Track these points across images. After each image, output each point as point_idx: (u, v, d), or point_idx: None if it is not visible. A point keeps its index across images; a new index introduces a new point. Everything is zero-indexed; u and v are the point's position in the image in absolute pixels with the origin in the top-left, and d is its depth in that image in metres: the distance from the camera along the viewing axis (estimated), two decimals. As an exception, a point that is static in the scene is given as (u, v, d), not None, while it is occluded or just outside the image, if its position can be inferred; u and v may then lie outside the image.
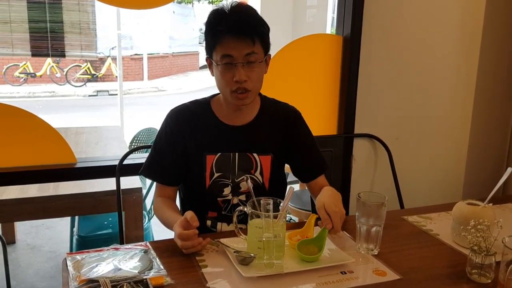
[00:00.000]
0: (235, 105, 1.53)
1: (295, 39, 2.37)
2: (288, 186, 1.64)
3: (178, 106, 1.63)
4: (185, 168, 1.60)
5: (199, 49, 17.08)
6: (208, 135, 1.58)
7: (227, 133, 1.58)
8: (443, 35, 2.42)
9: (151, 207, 2.89)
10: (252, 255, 1.28)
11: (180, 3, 16.00)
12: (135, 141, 3.62)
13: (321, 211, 1.41)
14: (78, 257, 1.29)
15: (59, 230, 3.62)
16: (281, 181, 1.69)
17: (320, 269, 1.28)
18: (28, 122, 1.91)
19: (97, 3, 2.05)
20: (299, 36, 2.36)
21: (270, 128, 1.62)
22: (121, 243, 1.98)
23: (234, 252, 1.30)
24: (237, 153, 1.57)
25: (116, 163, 1.97)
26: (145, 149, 2.75)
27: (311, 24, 5.17)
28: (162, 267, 1.24)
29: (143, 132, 3.66)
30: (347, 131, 2.43)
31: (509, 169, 1.48)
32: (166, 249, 1.37)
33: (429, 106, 2.50)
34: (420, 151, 2.55)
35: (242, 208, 1.35)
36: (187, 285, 1.20)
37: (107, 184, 2.26)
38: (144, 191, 2.71)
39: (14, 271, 3.00)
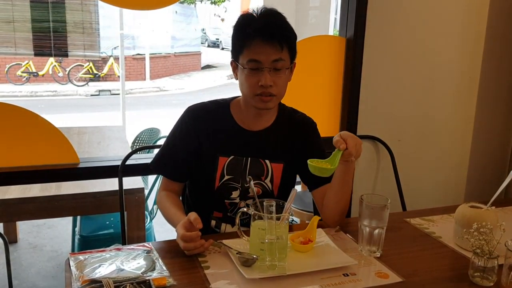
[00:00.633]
0: (257, 109, 1.52)
1: (298, 40, 2.37)
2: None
3: (197, 103, 1.62)
4: (195, 166, 1.59)
5: (201, 49, 17.10)
6: (223, 136, 1.57)
7: (242, 137, 1.58)
8: (446, 37, 2.42)
9: (153, 207, 2.89)
10: (254, 256, 1.28)
11: (182, 3, 16.01)
12: (137, 141, 3.62)
13: (335, 137, 1.39)
14: (81, 257, 1.29)
15: (61, 230, 3.62)
16: (290, 190, 1.68)
17: (323, 271, 1.28)
18: (31, 121, 1.91)
19: (100, 3, 2.06)
20: (301, 38, 2.35)
21: (285, 136, 1.61)
22: (123, 243, 1.98)
23: (237, 254, 1.30)
24: (249, 158, 1.57)
25: (119, 163, 1.97)
26: (148, 150, 2.77)
27: (313, 25, 5.17)
28: (164, 268, 1.25)
29: (145, 132, 3.67)
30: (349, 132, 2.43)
31: (512, 172, 1.47)
32: (168, 250, 1.38)
33: (431, 108, 2.50)
34: (422, 153, 2.55)
35: (246, 210, 1.35)
36: (189, 286, 1.20)
37: (109, 184, 2.26)
38: (146, 191, 2.71)
39: (16, 270, 3.00)
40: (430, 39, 2.42)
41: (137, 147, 3.48)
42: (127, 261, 1.27)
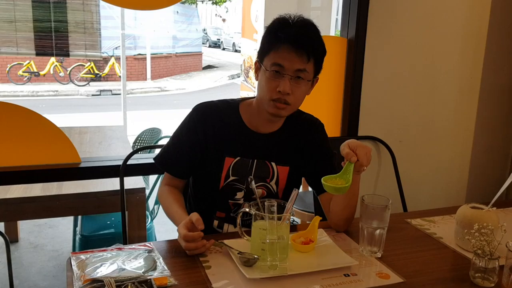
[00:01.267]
0: (269, 114, 1.51)
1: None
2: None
3: (206, 102, 1.62)
4: (201, 165, 1.59)
5: (203, 49, 17.11)
6: (230, 137, 1.57)
7: (250, 139, 1.57)
8: (447, 37, 2.42)
9: (154, 207, 2.90)
10: (255, 256, 1.28)
11: (183, 3, 16.01)
12: (138, 141, 3.63)
13: (344, 148, 1.39)
14: (83, 256, 1.29)
15: (62, 229, 3.63)
16: None
17: (324, 271, 1.28)
18: (32, 121, 1.91)
19: (101, 3, 2.06)
20: (303, 38, 2.36)
21: (292, 139, 1.61)
22: (124, 243, 1.98)
23: (238, 254, 1.31)
24: (256, 160, 1.57)
25: (120, 163, 1.97)
26: (149, 150, 2.77)
27: (315, 26, 5.16)
28: (166, 267, 1.25)
29: (147, 132, 3.67)
30: (350, 133, 2.43)
31: (513, 173, 1.48)
32: (170, 249, 1.38)
33: (433, 109, 2.50)
34: (423, 154, 2.55)
35: (247, 210, 1.35)
36: (190, 286, 1.21)
37: (110, 184, 2.27)
38: (147, 191, 2.71)
39: (17, 269, 3.01)
40: (432, 40, 2.42)
41: (138, 147, 3.49)
42: (129, 260, 1.27)
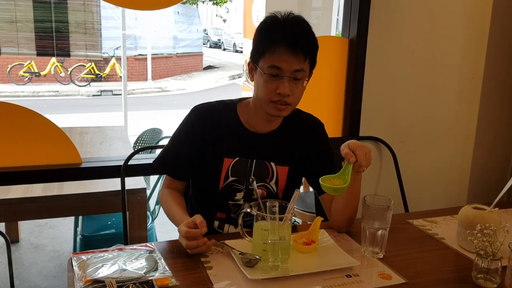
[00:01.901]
0: (269, 115, 1.51)
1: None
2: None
3: (204, 103, 1.61)
4: (200, 166, 1.59)
5: (203, 50, 17.11)
6: (229, 138, 1.57)
7: (248, 139, 1.57)
8: (449, 38, 2.42)
9: (154, 207, 2.89)
10: (257, 257, 1.28)
11: (184, 4, 16.03)
12: (139, 141, 3.63)
13: (344, 148, 1.39)
14: (84, 257, 1.29)
15: (62, 230, 3.62)
16: None
17: (325, 272, 1.28)
18: (33, 121, 1.91)
19: (102, 3, 2.06)
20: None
21: (291, 139, 1.60)
22: (125, 244, 1.98)
23: (239, 254, 1.30)
24: (254, 160, 1.56)
25: (121, 163, 1.97)
26: (150, 150, 2.77)
27: (316, 26, 5.16)
28: (167, 268, 1.24)
29: (148, 133, 3.67)
30: (352, 133, 2.43)
31: (516, 174, 1.47)
32: (171, 250, 1.38)
33: (434, 109, 2.50)
34: (425, 154, 2.55)
35: (249, 210, 1.35)
36: (192, 286, 1.20)
37: (111, 184, 2.26)
38: (148, 191, 2.71)
39: (17, 270, 3.01)
40: (433, 39, 2.42)
41: (139, 147, 3.49)
42: (130, 261, 1.27)
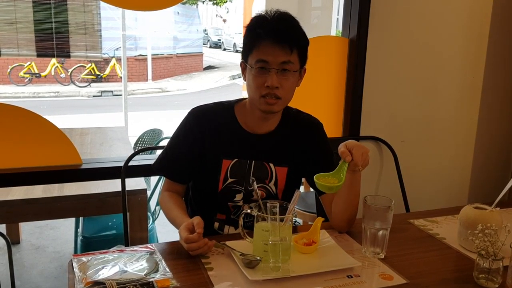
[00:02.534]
0: (261, 112, 1.50)
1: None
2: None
3: (201, 105, 1.61)
4: (199, 168, 1.59)
5: (203, 50, 17.12)
6: (227, 139, 1.56)
7: (246, 140, 1.57)
8: (449, 37, 2.42)
9: (155, 208, 2.89)
10: (258, 258, 1.27)
11: (184, 4, 16.03)
12: (139, 142, 3.62)
13: (341, 147, 1.39)
14: (84, 259, 1.28)
15: (63, 231, 3.62)
16: None
17: (326, 272, 1.28)
18: (33, 123, 1.91)
19: (102, 4, 2.06)
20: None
21: (290, 139, 1.60)
22: (126, 245, 1.98)
23: (240, 255, 1.30)
24: (253, 161, 1.56)
25: (121, 164, 1.96)
26: (151, 151, 2.77)
27: (316, 26, 5.16)
28: (168, 269, 1.24)
29: (148, 133, 3.67)
30: (352, 133, 2.42)
31: (517, 173, 1.47)
32: (171, 251, 1.37)
33: (435, 108, 2.49)
34: (426, 153, 2.54)
35: (250, 211, 1.35)
36: (192, 287, 1.20)
37: (111, 185, 2.26)
38: (149, 192, 2.71)
39: (18, 271, 3.00)
40: (434, 39, 2.42)
41: (140, 148, 3.49)
42: (130, 262, 1.26)
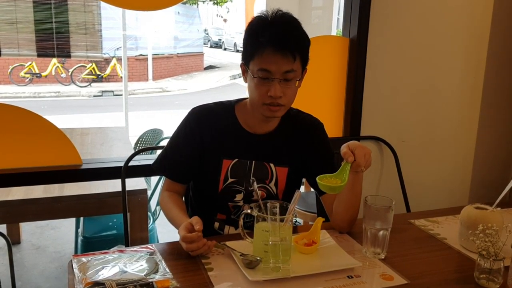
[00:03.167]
0: (264, 116, 1.50)
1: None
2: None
3: (201, 105, 1.60)
4: (199, 168, 1.58)
5: (204, 50, 17.12)
6: (227, 139, 1.56)
7: (247, 140, 1.56)
8: (450, 37, 2.41)
9: (155, 208, 2.89)
10: (258, 258, 1.27)
11: (185, 4, 16.02)
12: (140, 142, 3.62)
13: (343, 148, 1.38)
14: (84, 259, 1.28)
15: (63, 231, 3.62)
16: None
17: (327, 273, 1.27)
18: (33, 123, 1.91)
19: (102, 4, 2.05)
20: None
21: (290, 140, 1.60)
22: (126, 245, 1.98)
23: (240, 256, 1.30)
24: (254, 161, 1.56)
25: (122, 164, 1.96)
26: (151, 151, 2.76)
27: (316, 26, 5.17)
28: (168, 270, 1.24)
29: (148, 133, 3.67)
30: (353, 133, 2.42)
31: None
32: (171, 251, 1.37)
33: (436, 108, 2.49)
34: (426, 153, 2.54)
35: (250, 211, 1.35)
36: (193, 288, 1.20)
37: (112, 186, 2.26)
38: (149, 192, 2.71)
39: (19, 271, 3.00)
40: (434, 39, 2.41)
41: (140, 148, 3.48)
42: (130, 263, 1.26)
